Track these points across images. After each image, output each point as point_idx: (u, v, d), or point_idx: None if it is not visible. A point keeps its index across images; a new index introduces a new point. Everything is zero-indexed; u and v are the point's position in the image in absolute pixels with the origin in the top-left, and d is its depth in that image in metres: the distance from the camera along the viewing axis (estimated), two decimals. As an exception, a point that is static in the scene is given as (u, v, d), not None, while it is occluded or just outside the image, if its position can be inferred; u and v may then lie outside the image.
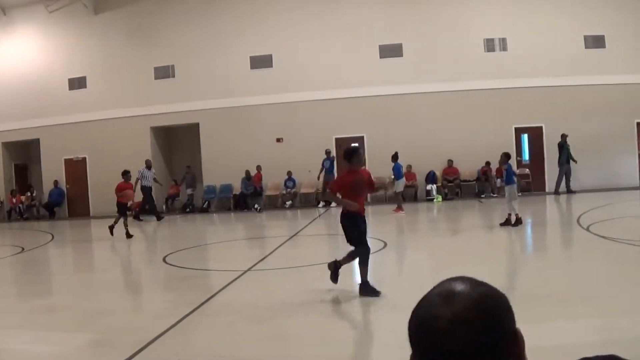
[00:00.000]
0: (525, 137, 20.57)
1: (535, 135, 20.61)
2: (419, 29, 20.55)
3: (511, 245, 11.76)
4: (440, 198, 20.28)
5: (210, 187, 21.11)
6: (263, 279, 8.93)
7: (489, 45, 20.63)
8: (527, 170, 20.55)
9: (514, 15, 20.56)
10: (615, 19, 20.38)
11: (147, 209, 18.85)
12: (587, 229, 11.88)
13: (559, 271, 8.79)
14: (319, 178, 19.66)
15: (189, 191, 21.32)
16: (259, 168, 20.21)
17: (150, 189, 18.77)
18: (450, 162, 20.16)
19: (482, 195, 20.33)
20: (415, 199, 20.26)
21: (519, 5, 20.59)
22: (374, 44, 20.62)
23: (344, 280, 7.84)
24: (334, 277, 6.99)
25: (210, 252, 12.49)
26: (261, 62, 20.86)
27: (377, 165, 20.25)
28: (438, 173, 20.49)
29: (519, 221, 12.45)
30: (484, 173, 20.23)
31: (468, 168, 20.43)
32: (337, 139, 20.57)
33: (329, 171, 19.76)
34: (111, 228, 14.49)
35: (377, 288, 6.93)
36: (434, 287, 1.05)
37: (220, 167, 20.98)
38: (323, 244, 12.89)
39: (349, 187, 6.97)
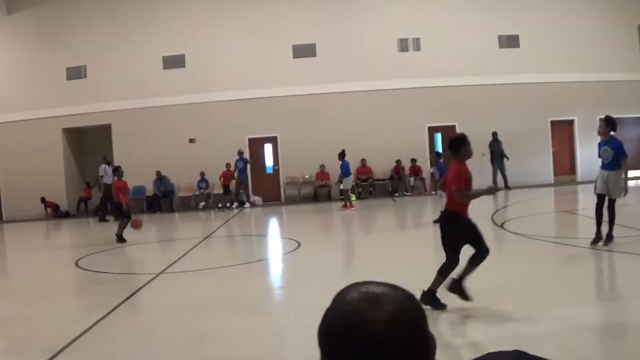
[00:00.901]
0: (438, 136, 20.96)
1: (449, 134, 20.81)
2: (332, 29, 20.88)
3: (424, 243, 11.85)
4: (354, 197, 20.45)
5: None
6: (178, 281, 9.02)
7: (403, 45, 21.06)
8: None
9: (427, 15, 21.07)
10: (529, 18, 21.19)
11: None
12: (501, 226, 12.48)
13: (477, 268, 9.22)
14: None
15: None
16: (228, 166, 20.09)
17: (111, 186, 18.64)
18: (363, 161, 20.44)
19: (396, 194, 20.60)
20: (328, 198, 20.39)
21: (433, 6, 21.10)
22: (288, 44, 20.90)
23: (253, 283, 8.41)
24: (464, 296, 6.12)
25: (123, 255, 12.48)
26: (174, 62, 20.99)
27: (290, 166, 20.32)
28: (351, 172, 20.61)
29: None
30: (397, 172, 20.46)
31: (381, 167, 20.72)
32: (250, 140, 20.79)
33: (242, 172, 19.82)
34: (119, 236, 13.38)
35: (295, 289, 7.54)
36: (347, 292, 1.03)
37: (133, 169, 20.84)
38: (236, 245, 13.19)
39: (469, 181, 6.22)
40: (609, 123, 9.21)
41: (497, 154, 20.68)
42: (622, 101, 21.75)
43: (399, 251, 11.01)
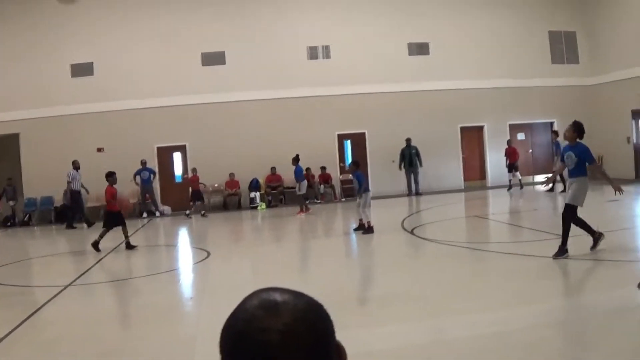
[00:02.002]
0: (348, 143, 21.36)
1: (358, 141, 21.38)
2: (242, 36, 21.30)
3: (335, 251, 12.55)
4: (264, 206, 20.91)
5: (31, 199, 21.14)
6: (86, 293, 9.13)
7: (312, 52, 21.55)
8: (350, 175, 21.14)
9: (337, 23, 21.62)
10: (438, 26, 22.06)
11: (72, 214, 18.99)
12: (412, 232, 13.16)
13: (383, 274, 9.65)
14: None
15: (11, 203, 21.24)
16: (194, 170, 20.32)
17: (79, 192, 18.57)
18: (273, 169, 20.83)
19: (306, 202, 20.93)
20: (238, 206, 20.80)
21: (343, 13, 21.60)
22: (197, 52, 21.25)
23: (163, 294, 8.52)
24: None
25: (30, 267, 12.62)
26: (82, 70, 21.16)
27: (199, 175, 20.54)
28: (261, 180, 21.03)
29: (370, 229, 13.04)
30: (307, 179, 20.83)
31: (291, 174, 21.04)
32: (159, 148, 21.00)
33: (146, 182, 20.00)
34: (95, 244, 13.16)
35: (204, 300, 7.84)
36: (248, 299, 1.03)
37: (41, 179, 21.10)
38: (146, 256, 13.29)
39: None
40: (577, 128, 9.18)
41: (408, 160, 21.20)
42: (532, 107, 22.52)
43: (308, 260, 11.53)
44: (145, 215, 20.83)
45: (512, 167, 21.20)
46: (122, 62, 21.59)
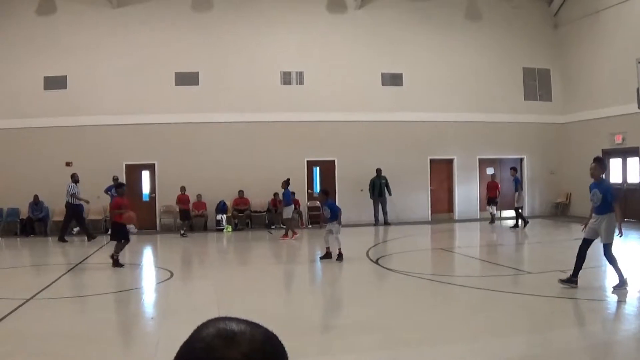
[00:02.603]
0: (317, 170, 21.61)
1: (328, 168, 21.66)
2: (216, 58, 21.70)
3: (299, 278, 12.96)
4: (230, 228, 21.16)
5: (-4, 211, 21.32)
6: (46, 308, 9.15)
7: (286, 78, 21.89)
8: (318, 202, 21.43)
9: (312, 49, 22.04)
10: (413, 57, 22.58)
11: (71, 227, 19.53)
12: (377, 262, 13.53)
13: (345, 304, 10.01)
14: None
15: (-23, 215, 21.43)
16: (183, 189, 20.60)
17: (79, 206, 19.26)
18: (241, 192, 21.09)
19: (272, 227, 21.27)
20: (205, 228, 21.01)
21: (318, 40, 22.01)
22: (170, 71, 21.58)
23: (124, 312, 8.71)
24: None
25: None
26: (55, 83, 21.37)
27: (166, 194, 20.70)
28: (229, 203, 21.26)
29: (341, 256, 13.35)
30: (274, 204, 21.11)
31: (259, 199, 21.40)
32: (127, 166, 21.25)
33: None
34: (115, 258, 13.37)
35: (165, 320, 7.95)
36: (204, 328, 1.04)
37: (7, 190, 21.16)
38: (109, 273, 13.30)
39: None
40: (601, 165, 9.56)
41: (378, 190, 21.52)
42: (502, 142, 22.96)
43: (271, 285, 11.69)
44: (110, 231, 20.96)
45: (490, 201, 21.55)
46: (95, 77, 21.87)
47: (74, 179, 19.46)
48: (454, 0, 23.55)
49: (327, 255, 13.60)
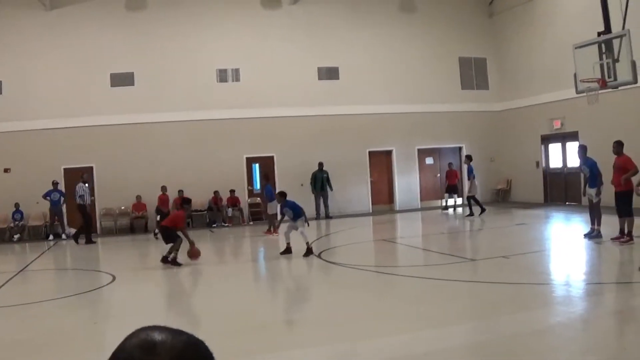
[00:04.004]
0: (256, 166, 22.29)
1: (267, 164, 22.25)
2: (151, 58, 22.45)
3: (242, 275, 13.17)
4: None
5: None
6: None
7: (222, 75, 22.54)
8: (259, 199, 22.09)
9: (247, 46, 22.86)
10: (349, 51, 23.97)
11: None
12: (319, 256, 13.86)
13: (290, 299, 10.39)
14: None
15: None
16: (164, 189, 21.34)
17: (87, 207, 19.89)
18: (181, 192, 21.65)
19: (214, 225, 21.87)
20: (145, 230, 21.53)
21: (253, 36, 22.82)
22: (105, 72, 22.12)
23: (66, 319, 8.77)
24: None
25: None
26: (-12, 88, 21.63)
27: (106, 197, 21.00)
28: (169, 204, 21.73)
29: (309, 251, 13.76)
30: (215, 202, 21.64)
31: (199, 198, 21.97)
32: (65, 170, 21.64)
33: (56, 204, 20.59)
34: (173, 257, 13.52)
35: (108, 324, 8.28)
36: (129, 339, 1.10)
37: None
38: (51, 280, 13.71)
39: None
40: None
41: (319, 184, 22.10)
42: (441, 132, 23.91)
43: (214, 284, 12.03)
44: (51, 237, 21.42)
45: (450, 189, 22.24)
46: (30, 81, 22.46)
47: (83, 179, 20.01)
48: (389, -7, 24.37)
49: (287, 251, 14.06)
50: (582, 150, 14.50)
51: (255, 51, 23.41)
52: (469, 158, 21.48)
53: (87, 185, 20.20)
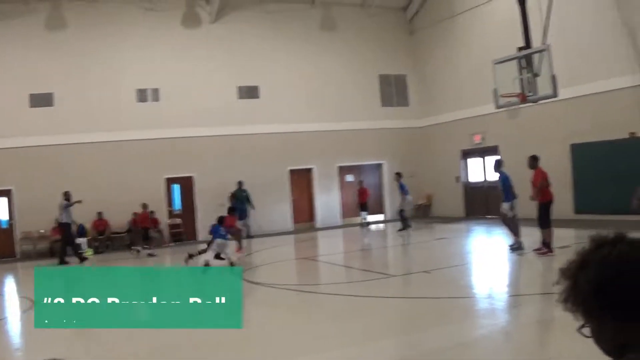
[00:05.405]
0: (176, 187, 22.76)
1: (187, 185, 22.81)
2: (71, 77, 23.24)
3: None
4: (90, 252, 21.92)
5: None
6: None
7: (141, 95, 23.04)
8: (179, 220, 22.66)
9: (167, 65, 23.62)
10: (269, 70, 25.19)
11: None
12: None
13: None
14: None
15: None
16: (145, 206, 21.81)
17: (70, 225, 20.25)
18: (100, 214, 22.11)
19: (133, 247, 22.24)
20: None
21: (173, 56, 23.58)
22: (24, 92, 22.34)
23: None
24: None
25: None
26: None
27: (25, 221, 21.37)
28: (88, 226, 22.13)
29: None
30: (135, 224, 22.13)
31: (119, 219, 22.46)
32: (-17, 193, 21.95)
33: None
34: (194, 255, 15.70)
35: (30, 351, 8.38)
36: None
37: None
38: None
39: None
40: None
41: (240, 203, 22.69)
42: (361, 149, 24.95)
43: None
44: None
45: (362, 207, 23.07)
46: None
47: (66, 197, 20.21)
48: (309, 12, 25.57)
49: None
50: (497, 164, 15.44)
51: (174, 70, 24.53)
52: (399, 175, 22.39)
53: (69, 202, 20.50)
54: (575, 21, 19.94)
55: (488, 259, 14.99)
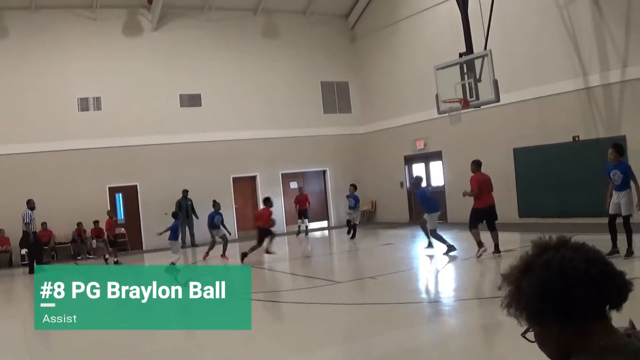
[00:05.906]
0: (120, 196, 22.98)
1: (130, 194, 22.98)
2: (11, 87, 23.69)
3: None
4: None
5: None
6: None
7: (83, 104, 23.10)
8: (123, 229, 22.81)
9: (109, 74, 23.88)
10: (210, 78, 25.49)
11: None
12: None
13: (157, 330, 10.12)
14: None
15: None
16: (110, 214, 21.54)
17: (36, 234, 20.11)
18: (44, 224, 22.31)
19: (79, 257, 22.57)
20: (9, 265, 22.00)
21: (115, 65, 23.76)
22: (-40, 103, 22.10)
23: None
24: None
25: None
26: None
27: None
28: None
29: None
30: (79, 234, 22.25)
31: (63, 230, 22.53)
32: None
33: None
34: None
35: None
36: None
37: None
38: None
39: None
40: (618, 149, 11.92)
41: (184, 212, 22.96)
42: (304, 156, 25.37)
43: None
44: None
45: (301, 214, 23.53)
46: None
47: (30, 205, 19.90)
48: (252, 19, 26.06)
49: None
50: (417, 181, 15.99)
51: (116, 79, 24.79)
52: (354, 187, 22.83)
53: (33, 211, 20.23)
54: (518, 26, 20.67)
55: (433, 264, 15.13)
